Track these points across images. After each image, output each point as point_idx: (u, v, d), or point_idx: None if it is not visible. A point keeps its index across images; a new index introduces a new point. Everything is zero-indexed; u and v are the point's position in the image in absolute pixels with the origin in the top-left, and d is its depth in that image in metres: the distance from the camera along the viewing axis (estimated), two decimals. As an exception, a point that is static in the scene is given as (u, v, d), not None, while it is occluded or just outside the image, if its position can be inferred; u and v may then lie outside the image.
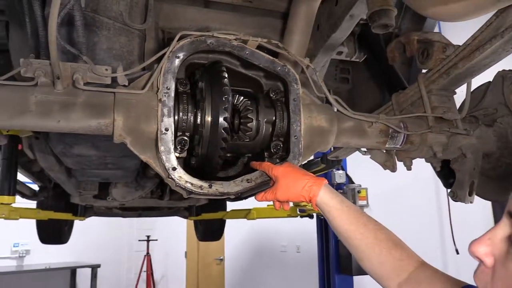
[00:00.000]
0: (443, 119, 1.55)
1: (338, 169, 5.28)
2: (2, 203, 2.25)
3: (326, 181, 1.21)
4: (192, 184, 1.17)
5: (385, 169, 1.65)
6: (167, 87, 1.17)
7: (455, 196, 1.67)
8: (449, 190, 1.69)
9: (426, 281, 1.05)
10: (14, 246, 8.17)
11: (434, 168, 1.72)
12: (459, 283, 0.99)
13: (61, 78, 1.11)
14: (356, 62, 2.35)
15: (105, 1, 1.50)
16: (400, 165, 1.69)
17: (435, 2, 1.21)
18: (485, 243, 0.74)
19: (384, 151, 1.66)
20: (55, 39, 1.04)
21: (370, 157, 1.68)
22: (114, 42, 1.48)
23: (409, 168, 1.61)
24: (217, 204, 4.94)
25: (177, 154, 1.21)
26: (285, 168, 1.23)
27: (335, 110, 2.57)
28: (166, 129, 1.16)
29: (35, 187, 3.64)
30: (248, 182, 1.24)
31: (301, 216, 4.55)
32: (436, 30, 2.10)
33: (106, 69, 1.18)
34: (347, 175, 5.33)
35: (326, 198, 1.18)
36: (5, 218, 3.28)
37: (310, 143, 1.35)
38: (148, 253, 9.60)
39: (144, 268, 9.53)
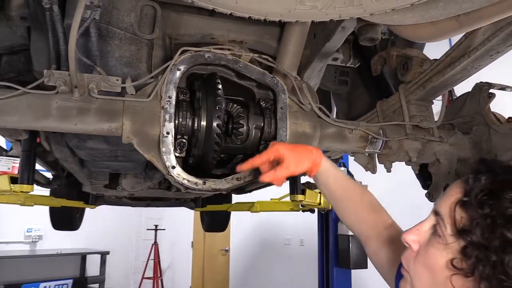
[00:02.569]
0: (420, 127, 1.71)
1: (339, 166, 5.43)
2: (21, 191, 2.44)
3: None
4: (188, 180, 1.35)
5: (366, 170, 1.82)
6: (169, 96, 1.35)
7: (431, 197, 1.84)
8: (426, 191, 1.86)
9: (391, 241, 1.26)
10: (27, 232, 8.42)
11: (414, 171, 1.88)
12: None
13: (78, 87, 1.30)
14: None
15: (117, 14, 1.65)
16: (399, 164, 1.85)
17: (408, 26, 1.36)
18: (413, 233, 0.95)
19: (366, 155, 1.82)
20: (73, 55, 1.22)
21: (354, 159, 1.85)
22: (125, 50, 1.63)
23: (388, 171, 1.77)
24: (222, 196, 5.11)
25: (177, 154, 1.40)
26: (285, 145, 1.32)
27: (335, 112, 2.72)
28: (167, 133, 1.33)
29: (49, 175, 3.80)
30: (238, 180, 1.42)
31: (303, 211, 4.71)
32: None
33: (117, 79, 1.36)
34: (348, 172, 5.48)
35: (328, 166, 1.35)
36: (21, 204, 3.48)
37: (295, 146, 1.52)
38: (155, 242, 9.81)
39: (152, 257, 9.74)
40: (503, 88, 1.85)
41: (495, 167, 0.88)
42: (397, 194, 6.15)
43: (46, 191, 4.21)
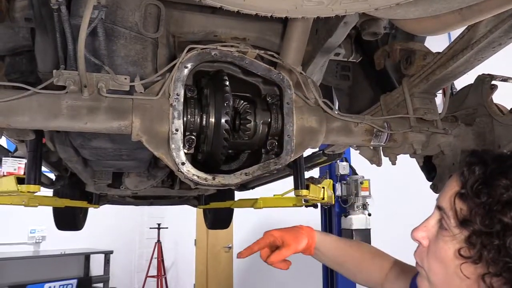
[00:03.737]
0: (424, 119, 1.72)
1: (342, 161, 5.46)
2: (28, 191, 2.46)
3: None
4: (198, 176, 1.37)
5: (372, 163, 1.84)
6: (177, 93, 1.37)
7: (436, 189, 1.86)
8: (430, 183, 1.88)
9: (398, 277, 1.33)
10: (31, 233, 8.45)
11: (418, 163, 1.90)
12: None
13: (88, 86, 1.32)
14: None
15: (122, 13, 1.67)
16: (402, 157, 1.87)
17: (411, 20, 1.37)
18: (422, 230, 1.02)
19: (371, 148, 1.84)
20: (83, 54, 1.24)
21: (359, 153, 1.87)
22: (130, 49, 1.65)
23: (393, 163, 1.79)
24: (225, 193, 5.13)
25: (186, 151, 1.41)
26: (278, 230, 1.51)
27: (336, 107, 2.74)
28: (176, 130, 1.35)
29: (51, 175, 3.81)
30: (246, 175, 1.43)
31: (306, 206, 4.73)
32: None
33: (125, 78, 1.37)
34: (350, 167, 5.51)
35: (321, 236, 1.50)
36: (25, 205, 3.49)
37: (301, 141, 1.54)
38: (159, 240, 9.86)
39: (155, 255, 9.80)
40: (505, 79, 1.87)
41: (486, 157, 0.94)
42: (399, 187, 6.18)
43: (49, 192, 4.22)
